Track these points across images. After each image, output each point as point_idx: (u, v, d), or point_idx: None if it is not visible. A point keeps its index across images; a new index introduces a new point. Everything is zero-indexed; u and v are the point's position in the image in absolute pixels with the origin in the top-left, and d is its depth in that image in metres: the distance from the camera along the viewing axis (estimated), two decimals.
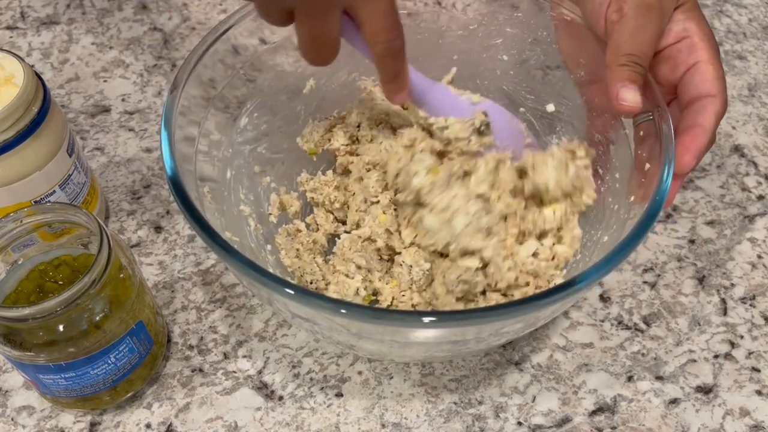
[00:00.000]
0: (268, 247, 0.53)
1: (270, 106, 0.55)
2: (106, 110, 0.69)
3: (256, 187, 0.55)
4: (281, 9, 0.43)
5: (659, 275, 0.58)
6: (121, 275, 0.46)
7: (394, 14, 0.44)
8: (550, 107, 0.56)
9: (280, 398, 0.51)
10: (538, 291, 0.49)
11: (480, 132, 0.49)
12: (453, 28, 0.57)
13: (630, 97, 0.44)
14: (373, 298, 0.52)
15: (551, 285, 0.49)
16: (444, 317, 0.39)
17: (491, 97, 0.56)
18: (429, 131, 0.50)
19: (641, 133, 0.47)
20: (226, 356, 0.53)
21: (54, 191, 0.53)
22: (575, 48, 0.53)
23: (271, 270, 0.51)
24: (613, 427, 0.50)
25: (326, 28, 0.43)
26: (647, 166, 0.46)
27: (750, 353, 0.54)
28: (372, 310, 0.40)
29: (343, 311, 0.39)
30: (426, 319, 0.38)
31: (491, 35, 0.57)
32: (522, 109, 0.58)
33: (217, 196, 0.50)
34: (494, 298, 0.49)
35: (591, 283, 0.40)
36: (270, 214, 0.55)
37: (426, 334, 0.43)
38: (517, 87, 0.58)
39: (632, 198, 0.46)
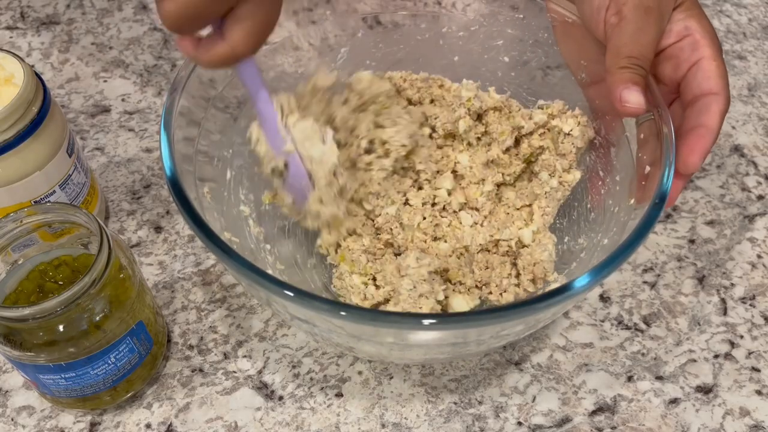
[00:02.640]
0: (267, 247, 0.53)
1: None
2: (106, 110, 0.69)
3: (256, 187, 0.55)
4: None
5: (659, 275, 0.58)
6: (121, 275, 0.46)
7: (265, 26, 0.40)
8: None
9: (280, 398, 0.51)
10: (538, 294, 0.49)
11: (277, 173, 0.48)
12: (454, 29, 0.57)
13: (633, 98, 0.44)
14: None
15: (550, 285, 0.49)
16: (444, 319, 0.39)
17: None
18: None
19: (642, 135, 0.47)
20: (226, 356, 0.53)
21: (54, 191, 0.53)
22: (575, 50, 0.53)
23: (270, 271, 0.51)
24: (613, 427, 0.50)
25: (210, 8, 0.39)
26: (647, 168, 0.46)
27: (750, 353, 0.54)
28: (371, 312, 0.40)
29: (342, 313, 0.39)
30: (426, 321, 0.38)
31: (492, 36, 0.57)
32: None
33: (216, 196, 0.50)
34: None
35: (591, 285, 0.40)
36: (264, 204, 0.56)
37: (426, 337, 0.43)
38: (519, 88, 0.58)
39: (632, 200, 0.46)
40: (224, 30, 0.40)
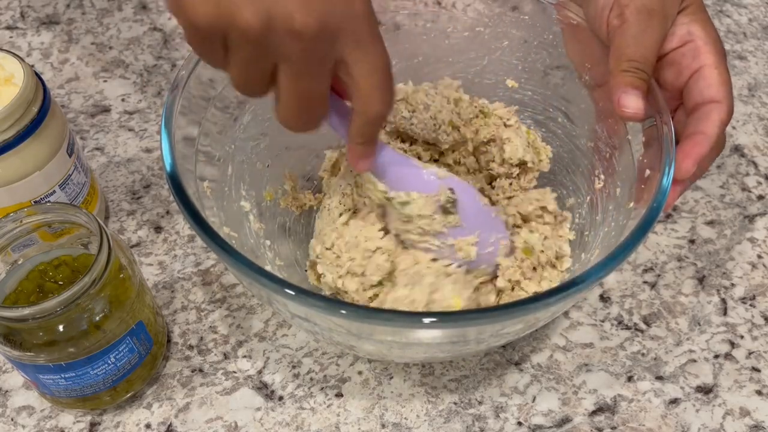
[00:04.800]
0: (267, 243, 0.53)
1: (272, 104, 0.55)
2: (106, 110, 0.69)
3: (257, 183, 0.55)
4: (265, 68, 0.37)
5: (659, 275, 0.58)
6: (121, 275, 0.46)
7: (391, 74, 0.39)
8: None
9: (280, 398, 0.51)
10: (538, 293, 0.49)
11: (445, 210, 0.45)
12: (459, 29, 0.57)
13: (632, 103, 0.44)
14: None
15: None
16: (444, 318, 0.39)
17: (496, 100, 0.56)
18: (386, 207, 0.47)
19: (643, 138, 0.47)
20: (226, 356, 0.53)
21: (54, 191, 0.53)
22: (581, 52, 0.52)
23: (269, 267, 0.51)
24: (613, 427, 0.50)
25: (319, 83, 0.38)
26: (647, 172, 0.46)
27: (750, 353, 0.54)
28: (371, 311, 0.40)
29: (343, 311, 0.39)
30: (426, 320, 0.38)
31: (497, 37, 0.57)
32: (529, 110, 0.58)
33: (217, 191, 0.50)
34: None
35: (590, 284, 0.40)
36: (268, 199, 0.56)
37: (426, 335, 0.43)
38: (523, 89, 0.57)
39: (632, 204, 0.46)
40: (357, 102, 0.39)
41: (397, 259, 0.48)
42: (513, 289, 0.50)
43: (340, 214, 0.49)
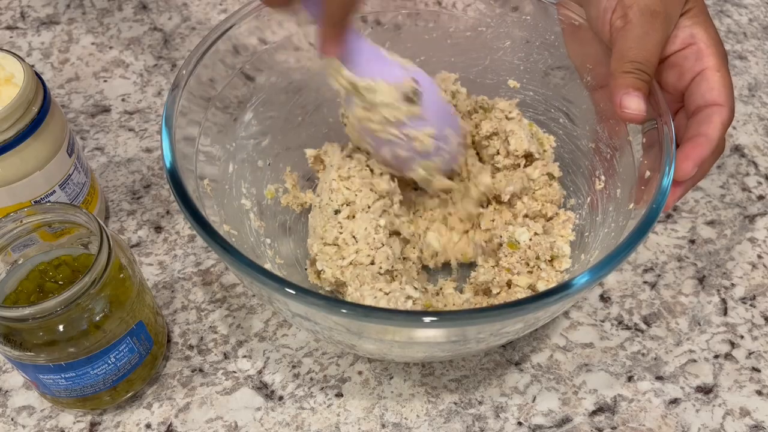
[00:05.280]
0: (268, 241, 0.53)
1: (273, 103, 0.56)
2: (106, 110, 0.69)
3: (258, 181, 0.55)
4: None
5: (659, 275, 0.58)
6: (121, 275, 0.46)
7: None
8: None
9: (280, 398, 0.51)
10: (537, 293, 0.49)
11: (408, 99, 0.46)
12: (461, 29, 0.57)
13: (633, 104, 0.44)
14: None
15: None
16: (444, 317, 0.39)
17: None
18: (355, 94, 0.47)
19: (644, 140, 0.47)
20: (226, 356, 0.53)
21: (54, 191, 0.53)
22: (582, 52, 0.52)
23: (269, 265, 0.51)
24: (614, 427, 0.50)
25: None
26: (647, 173, 0.46)
27: (750, 353, 0.54)
28: (371, 310, 0.40)
29: (343, 310, 0.39)
30: (426, 319, 0.38)
31: (499, 37, 0.57)
32: (530, 111, 0.58)
33: (217, 190, 0.50)
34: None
35: (590, 284, 0.40)
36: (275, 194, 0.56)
37: (426, 334, 0.43)
38: (525, 90, 0.57)
39: (632, 205, 0.46)
40: None
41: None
42: (509, 285, 0.50)
43: (336, 211, 0.49)
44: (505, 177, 0.53)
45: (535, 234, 0.51)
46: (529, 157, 0.54)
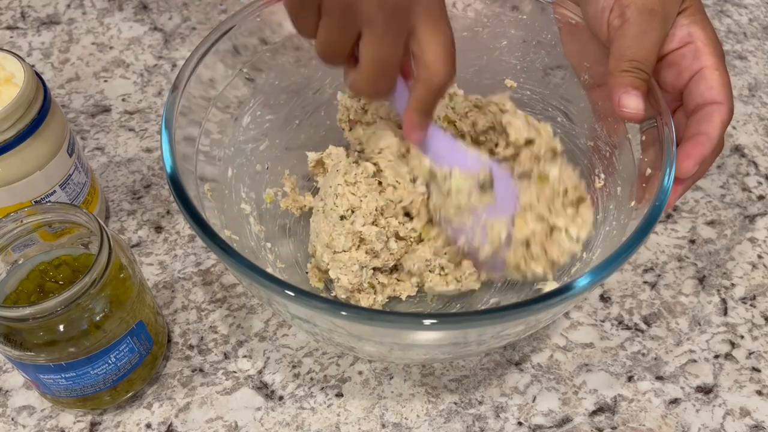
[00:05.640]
0: (268, 245, 0.53)
1: (272, 105, 0.56)
2: (107, 110, 0.69)
3: (257, 185, 0.55)
4: (351, 33, 0.41)
5: (659, 275, 0.58)
6: (122, 275, 0.46)
7: (455, 48, 0.43)
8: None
9: (281, 398, 0.51)
10: (537, 295, 0.49)
11: (482, 186, 0.47)
12: (458, 29, 0.57)
13: (632, 103, 0.44)
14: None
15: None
16: (445, 319, 0.39)
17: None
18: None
19: (644, 138, 0.47)
20: (226, 356, 0.53)
21: (54, 191, 0.53)
22: (579, 51, 0.52)
23: (270, 269, 0.51)
24: (614, 427, 0.50)
25: (396, 49, 0.41)
26: (648, 171, 0.46)
27: (750, 353, 0.54)
28: (372, 312, 0.40)
29: (343, 313, 0.39)
30: (427, 322, 0.38)
31: (496, 37, 0.57)
32: (528, 110, 0.58)
33: (217, 194, 0.50)
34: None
35: (592, 285, 0.40)
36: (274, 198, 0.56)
37: (427, 337, 0.43)
38: (522, 89, 0.57)
39: (633, 203, 0.46)
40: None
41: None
42: (528, 245, 0.50)
43: (342, 217, 0.49)
44: (509, 165, 0.53)
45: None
46: (529, 145, 0.54)
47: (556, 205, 0.49)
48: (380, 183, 0.50)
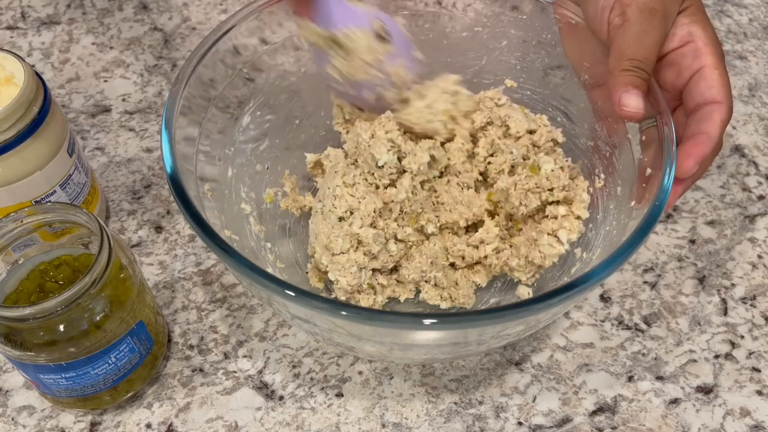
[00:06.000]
0: (268, 245, 0.53)
1: (272, 105, 0.56)
2: (107, 110, 0.69)
3: (257, 185, 0.55)
4: None
5: (660, 275, 0.58)
6: (122, 275, 0.46)
7: None
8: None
9: (281, 398, 0.51)
10: (537, 295, 0.49)
11: (380, 38, 0.49)
12: (457, 30, 0.57)
13: (632, 102, 0.44)
14: None
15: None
16: (445, 319, 0.39)
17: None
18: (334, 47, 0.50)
19: (643, 137, 0.47)
20: (226, 356, 0.53)
21: (54, 191, 0.53)
22: (579, 51, 0.52)
23: (270, 269, 0.51)
24: (614, 427, 0.50)
25: None
26: (648, 171, 0.46)
27: (750, 353, 0.54)
28: (372, 312, 0.40)
29: (343, 313, 0.39)
30: (427, 321, 0.38)
31: (496, 37, 0.57)
32: (528, 110, 0.58)
33: (217, 194, 0.50)
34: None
35: (592, 285, 0.40)
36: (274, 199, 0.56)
37: (427, 336, 0.43)
38: (522, 89, 0.57)
39: (633, 203, 0.46)
40: None
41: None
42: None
43: (341, 218, 0.49)
44: (506, 147, 0.53)
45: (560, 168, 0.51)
46: (531, 134, 0.54)
47: (532, 198, 0.50)
48: (377, 186, 0.50)
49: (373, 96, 0.51)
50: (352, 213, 0.49)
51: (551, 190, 0.50)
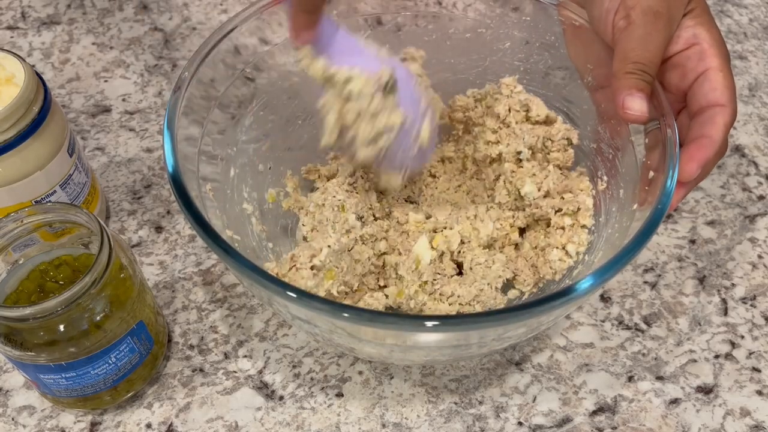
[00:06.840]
0: (270, 245, 0.53)
1: (274, 105, 0.56)
2: (107, 110, 0.69)
3: (259, 185, 0.55)
4: None
5: (660, 275, 0.58)
6: (122, 275, 0.46)
7: None
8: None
9: (281, 398, 0.51)
10: (538, 297, 0.49)
11: (386, 90, 0.43)
12: (461, 31, 0.57)
13: (636, 105, 0.44)
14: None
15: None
16: (446, 321, 0.39)
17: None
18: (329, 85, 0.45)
19: (647, 140, 0.47)
20: (226, 356, 0.53)
21: (55, 191, 0.53)
22: (583, 53, 0.52)
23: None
24: (614, 428, 0.50)
25: None
26: (651, 174, 0.46)
27: (750, 353, 0.54)
28: (373, 314, 0.40)
29: (345, 314, 0.39)
30: (428, 323, 0.38)
31: (499, 38, 0.57)
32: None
33: (219, 194, 0.50)
34: None
35: (594, 287, 0.39)
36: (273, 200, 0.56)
37: (428, 339, 0.43)
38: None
39: (635, 206, 0.46)
40: None
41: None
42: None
43: (344, 232, 0.50)
44: (520, 130, 0.52)
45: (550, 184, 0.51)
46: (548, 122, 0.54)
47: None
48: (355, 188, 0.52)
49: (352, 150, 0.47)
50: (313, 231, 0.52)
51: (558, 211, 0.51)
